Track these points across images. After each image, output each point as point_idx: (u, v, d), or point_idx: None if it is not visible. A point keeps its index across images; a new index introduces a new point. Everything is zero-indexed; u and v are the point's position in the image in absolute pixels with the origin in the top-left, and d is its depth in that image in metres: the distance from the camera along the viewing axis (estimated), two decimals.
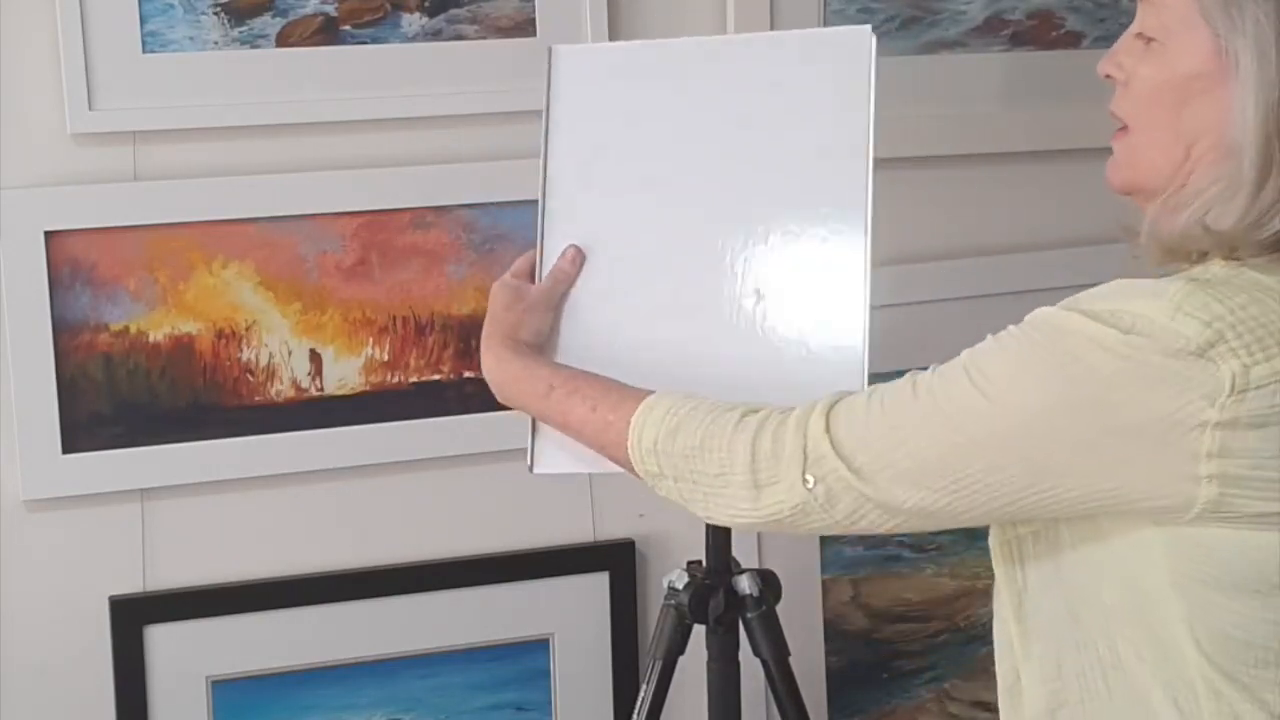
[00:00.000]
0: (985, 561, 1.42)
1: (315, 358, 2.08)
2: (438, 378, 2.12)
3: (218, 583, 2.08)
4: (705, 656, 1.99)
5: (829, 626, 2.32)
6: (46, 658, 2.04)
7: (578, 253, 1.65)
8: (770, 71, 1.62)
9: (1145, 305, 1.21)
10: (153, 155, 2.00)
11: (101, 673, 2.05)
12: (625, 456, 1.44)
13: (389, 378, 2.11)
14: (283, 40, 2.02)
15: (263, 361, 2.06)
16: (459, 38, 2.09)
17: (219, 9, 1.99)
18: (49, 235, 1.96)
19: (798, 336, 1.59)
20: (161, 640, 2.06)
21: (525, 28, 2.11)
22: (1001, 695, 1.40)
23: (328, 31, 2.04)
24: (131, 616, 2.04)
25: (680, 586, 1.96)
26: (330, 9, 2.04)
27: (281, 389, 2.07)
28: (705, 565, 1.97)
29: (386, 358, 2.11)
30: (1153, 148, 1.32)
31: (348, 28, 2.05)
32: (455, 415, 2.12)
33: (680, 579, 1.96)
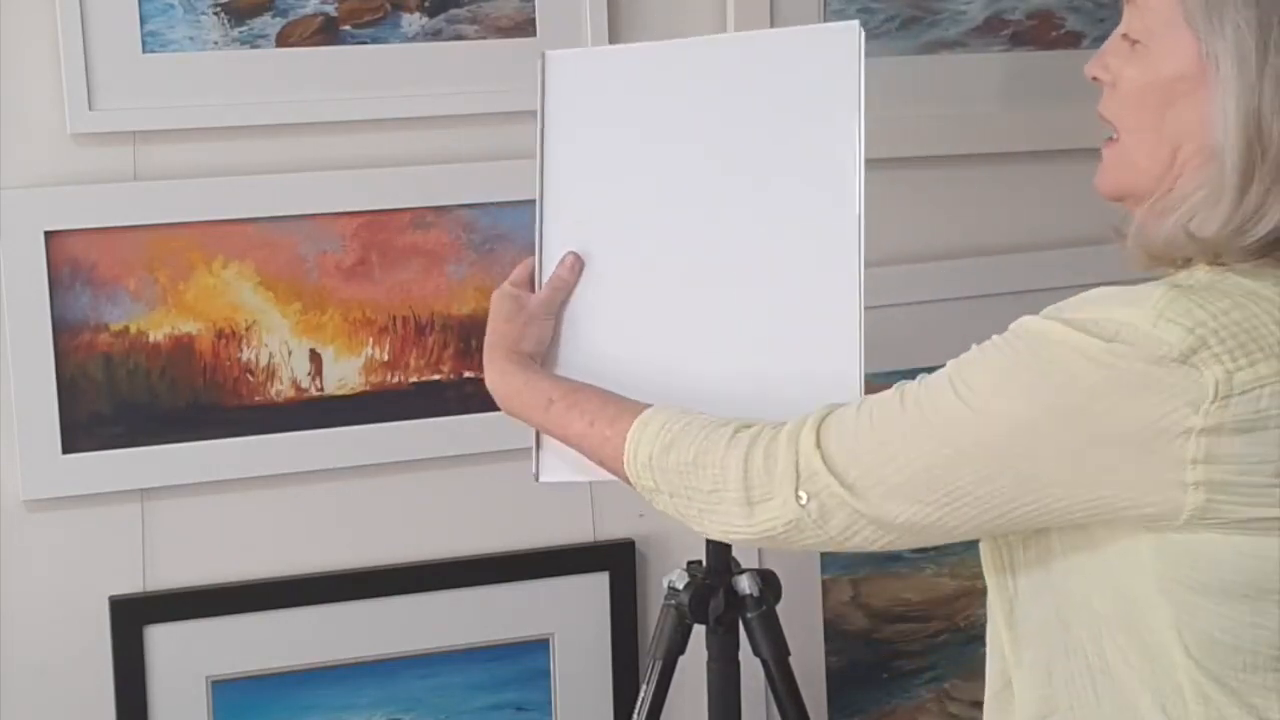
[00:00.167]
0: None
1: (315, 358, 2.08)
2: (438, 378, 2.12)
3: (218, 583, 2.08)
4: (705, 656, 1.99)
5: (829, 626, 2.32)
6: (46, 658, 2.04)
7: (576, 260, 1.64)
8: (759, 70, 1.61)
9: (1128, 313, 1.20)
10: (153, 155, 2.00)
11: (101, 673, 2.05)
12: (622, 471, 1.45)
13: (389, 378, 2.11)
14: (283, 40, 2.02)
15: (263, 361, 2.06)
16: (459, 38, 2.09)
17: (219, 9, 1.99)
18: (49, 235, 1.96)
19: (794, 336, 1.58)
20: (161, 640, 2.06)
21: (525, 28, 2.11)
22: (989, 699, 1.40)
23: (328, 31, 2.04)
24: (131, 616, 2.04)
25: (680, 586, 1.96)
26: (330, 9, 2.04)
27: (281, 389, 2.07)
28: (705, 565, 1.97)
29: (386, 358, 2.11)
30: (1139, 150, 1.31)
31: (348, 28, 2.05)
32: (455, 415, 2.12)
33: (680, 579, 1.97)
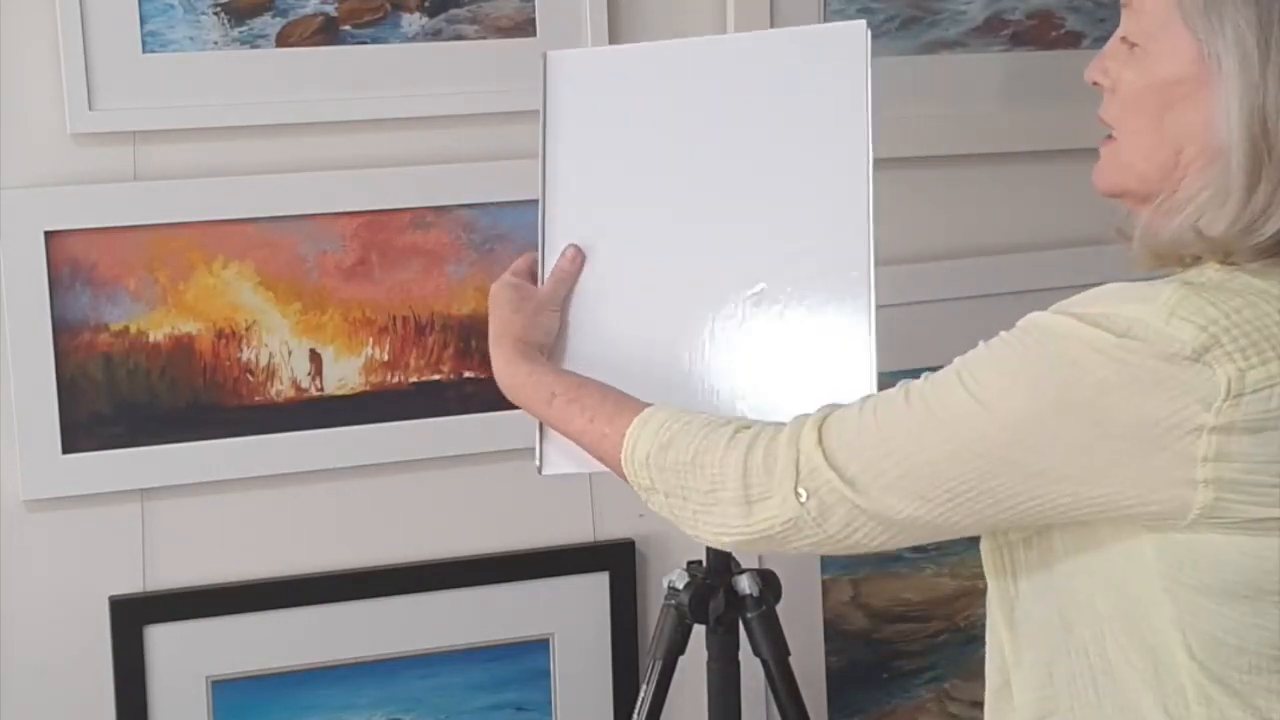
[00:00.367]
0: None
1: (315, 358, 2.08)
2: (438, 378, 2.12)
3: (217, 583, 2.08)
4: (705, 656, 1.99)
5: (829, 626, 2.32)
6: (46, 658, 2.04)
7: (577, 252, 1.65)
8: (765, 70, 1.61)
9: (1139, 309, 1.20)
10: (153, 155, 2.00)
11: (101, 673, 2.05)
12: (620, 468, 1.45)
13: (389, 378, 2.11)
14: (283, 40, 2.02)
15: (263, 361, 2.06)
16: (459, 38, 2.09)
17: (219, 9, 1.99)
18: (49, 235, 1.96)
19: (802, 336, 1.58)
20: (161, 640, 2.06)
21: (525, 28, 2.10)
22: (989, 698, 1.39)
23: (328, 31, 2.04)
24: (131, 616, 2.04)
25: (680, 586, 1.96)
26: (330, 9, 2.04)
27: (281, 389, 2.07)
28: (705, 565, 1.97)
29: (386, 358, 2.10)
30: (1137, 151, 1.31)
31: (348, 28, 2.05)
32: (455, 415, 2.12)
33: (680, 579, 1.97)
